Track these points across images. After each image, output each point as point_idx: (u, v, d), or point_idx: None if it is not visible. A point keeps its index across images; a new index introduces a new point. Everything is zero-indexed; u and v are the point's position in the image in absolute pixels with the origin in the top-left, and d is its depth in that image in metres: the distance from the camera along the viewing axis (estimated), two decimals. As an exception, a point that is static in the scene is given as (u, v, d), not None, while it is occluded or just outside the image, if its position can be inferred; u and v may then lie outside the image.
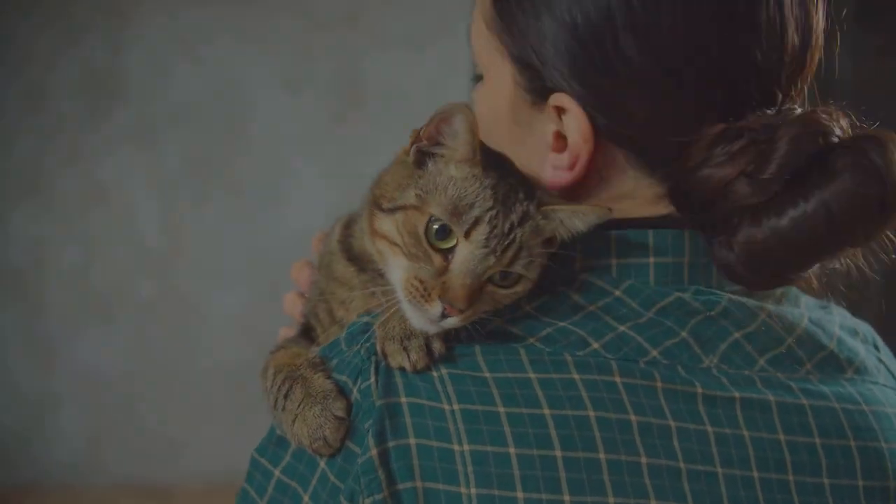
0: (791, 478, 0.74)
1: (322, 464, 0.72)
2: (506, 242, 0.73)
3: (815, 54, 0.80)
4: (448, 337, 0.74)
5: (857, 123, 0.78)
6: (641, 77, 0.75)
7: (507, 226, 0.74)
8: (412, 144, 0.78)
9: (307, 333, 0.88)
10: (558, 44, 0.76)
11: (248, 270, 3.32)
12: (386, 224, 0.77)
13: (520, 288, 0.76)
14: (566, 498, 0.69)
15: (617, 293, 0.78)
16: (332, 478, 0.71)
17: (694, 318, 0.77)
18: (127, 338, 3.31)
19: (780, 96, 0.78)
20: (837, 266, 0.81)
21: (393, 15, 3.26)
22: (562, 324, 0.75)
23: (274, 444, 0.76)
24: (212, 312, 3.33)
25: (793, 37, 0.77)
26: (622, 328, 0.76)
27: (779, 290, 0.83)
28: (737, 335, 0.78)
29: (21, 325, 3.28)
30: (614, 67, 0.75)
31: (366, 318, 0.76)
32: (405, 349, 0.72)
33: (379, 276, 0.80)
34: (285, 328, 0.95)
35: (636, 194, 0.80)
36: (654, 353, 0.75)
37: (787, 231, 0.73)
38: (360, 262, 0.83)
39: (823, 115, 0.75)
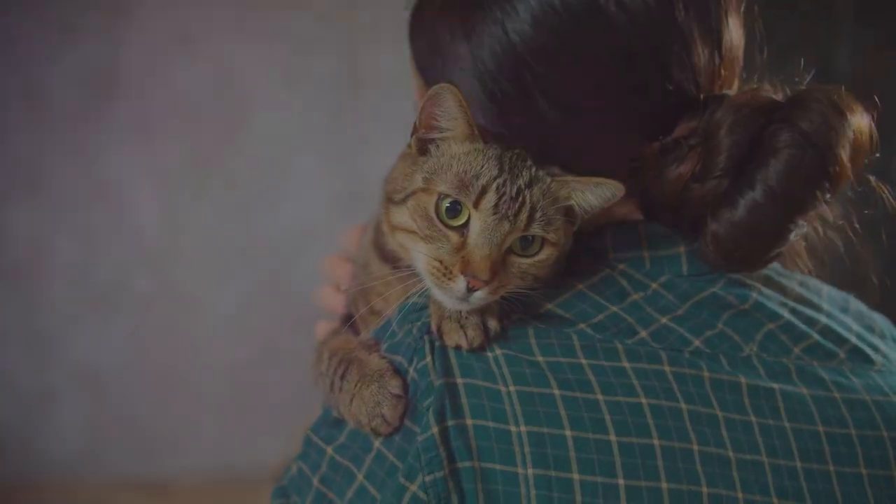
0: (831, 468, 0.76)
1: (377, 444, 0.72)
2: (517, 205, 0.74)
3: (733, 52, 0.81)
4: (501, 317, 0.75)
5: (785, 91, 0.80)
6: (561, 122, 0.78)
7: (514, 189, 0.75)
8: (412, 135, 0.79)
9: (351, 326, 0.89)
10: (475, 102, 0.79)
11: (246, 266, 3.32)
12: (400, 215, 0.78)
13: (544, 255, 0.77)
14: (620, 482, 0.70)
15: (654, 286, 0.80)
16: (390, 457, 0.71)
17: (727, 312, 0.79)
18: (125, 333, 3.31)
19: (705, 94, 0.80)
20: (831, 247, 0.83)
21: (392, 11, 3.24)
22: (613, 308, 0.77)
23: (329, 424, 0.77)
24: (210, 308, 3.32)
25: (700, 52, 0.78)
26: (664, 320, 0.77)
27: (797, 279, 0.86)
28: (770, 326, 0.80)
29: (19, 320, 3.27)
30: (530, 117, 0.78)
31: (416, 299, 0.77)
32: (462, 327, 0.73)
33: (413, 271, 0.80)
34: (323, 323, 0.96)
35: (614, 209, 0.81)
36: (697, 342, 0.77)
37: (745, 220, 0.76)
38: (393, 260, 0.84)
39: (751, 96, 0.78)
